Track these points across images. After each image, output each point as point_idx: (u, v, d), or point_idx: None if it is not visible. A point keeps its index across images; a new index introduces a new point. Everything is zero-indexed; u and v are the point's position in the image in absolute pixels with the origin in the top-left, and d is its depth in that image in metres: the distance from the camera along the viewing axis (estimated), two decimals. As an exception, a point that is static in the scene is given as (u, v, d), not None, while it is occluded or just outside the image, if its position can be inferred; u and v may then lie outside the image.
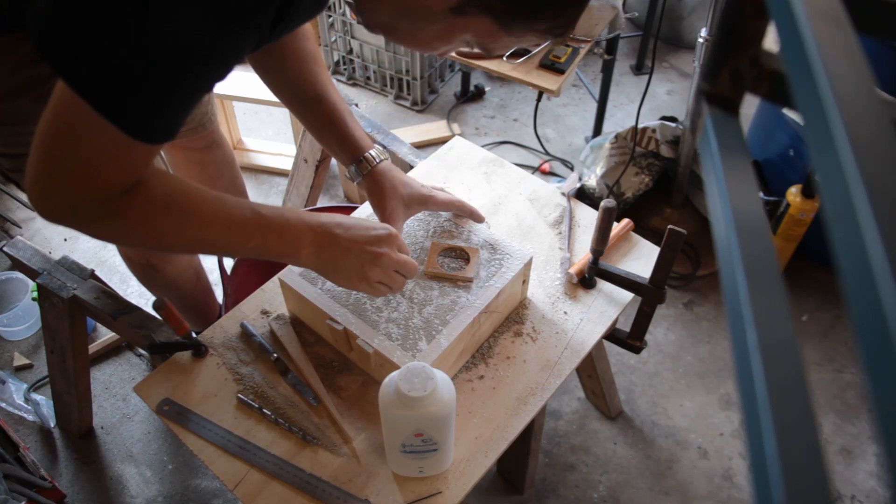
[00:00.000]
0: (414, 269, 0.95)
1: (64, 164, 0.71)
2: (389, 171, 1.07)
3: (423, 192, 1.09)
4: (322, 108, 1.05)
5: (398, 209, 1.06)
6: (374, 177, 1.06)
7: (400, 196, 1.06)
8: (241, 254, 0.88)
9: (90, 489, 1.62)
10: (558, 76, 1.71)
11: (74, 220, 0.76)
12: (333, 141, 1.08)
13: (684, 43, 2.76)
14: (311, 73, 1.04)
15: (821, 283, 1.99)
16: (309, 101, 1.05)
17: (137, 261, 1.45)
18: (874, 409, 0.23)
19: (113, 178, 0.72)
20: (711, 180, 0.40)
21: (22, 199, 2.18)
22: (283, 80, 1.06)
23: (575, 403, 1.74)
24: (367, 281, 0.92)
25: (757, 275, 0.33)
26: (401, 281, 0.95)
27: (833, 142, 0.26)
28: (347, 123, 1.07)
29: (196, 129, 1.51)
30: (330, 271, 0.92)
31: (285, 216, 0.88)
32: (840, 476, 1.61)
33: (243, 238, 0.84)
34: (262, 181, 2.31)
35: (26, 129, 0.99)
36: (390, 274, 0.93)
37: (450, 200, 1.12)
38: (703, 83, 0.45)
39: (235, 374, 1.09)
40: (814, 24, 0.30)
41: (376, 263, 0.91)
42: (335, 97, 1.06)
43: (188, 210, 0.80)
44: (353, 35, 2.46)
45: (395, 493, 0.97)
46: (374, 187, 1.07)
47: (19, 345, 1.88)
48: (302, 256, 0.89)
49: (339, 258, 0.90)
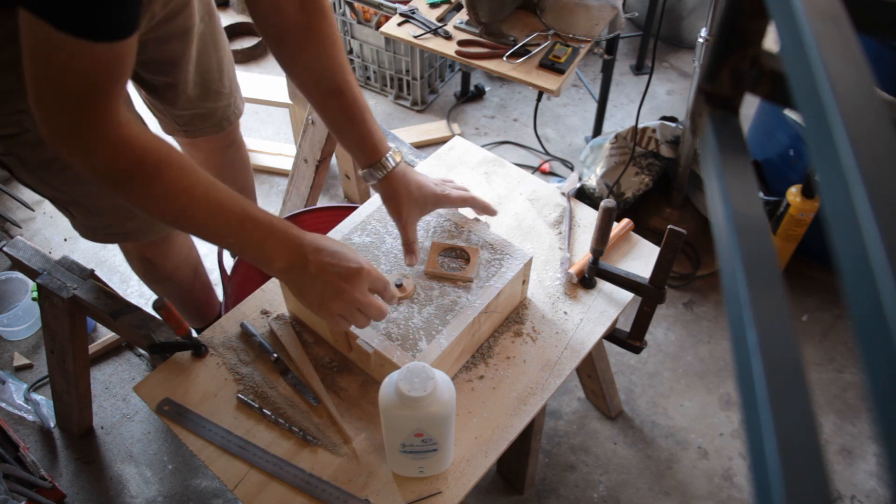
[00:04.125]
0: (378, 314, 0.94)
1: (51, 90, 0.73)
2: (404, 176, 1.06)
3: (436, 192, 1.09)
4: (342, 102, 1.03)
5: (413, 214, 1.07)
6: (390, 182, 1.06)
7: (415, 200, 1.07)
8: (220, 243, 0.89)
9: (90, 489, 1.62)
10: (558, 76, 1.71)
11: (78, 151, 0.77)
12: (351, 139, 1.06)
13: (684, 43, 2.76)
14: (334, 61, 1.01)
15: (821, 283, 1.99)
16: (330, 93, 1.03)
17: (135, 254, 1.45)
18: (874, 409, 0.23)
19: (96, 91, 0.74)
20: (711, 180, 0.40)
21: (22, 198, 2.18)
22: (305, 67, 1.02)
23: (575, 403, 1.74)
24: (328, 311, 0.92)
25: (757, 275, 0.33)
26: (363, 320, 0.94)
27: (833, 142, 0.26)
28: (367, 122, 1.04)
29: (220, 123, 1.50)
30: (296, 291, 0.93)
31: (273, 224, 0.88)
32: (840, 476, 1.61)
33: (225, 228, 0.85)
34: (262, 181, 2.31)
35: (13, 107, 0.99)
36: (352, 311, 0.92)
37: (463, 198, 1.12)
38: (703, 83, 0.45)
39: (235, 374, 1.09)
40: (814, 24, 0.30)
41: (339, 297, 0.91)
42: (356, 91, 1.04)
43: (181, 184, 0.81)
44: (353, 35, 2.46)
45: (395, 493, 0.97)
46: (389, 192, 1.06)
47: (19, 345, 1.88)
48: (274, 267, 0.90)
49: (306, 281, 0.91)
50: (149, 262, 1.46)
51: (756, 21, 0.41)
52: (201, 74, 1.37)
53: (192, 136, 1.49)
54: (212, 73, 1.39)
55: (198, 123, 1.46)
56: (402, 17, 1.92)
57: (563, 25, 1.84)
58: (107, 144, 0.76)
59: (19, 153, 1.07)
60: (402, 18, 1.91)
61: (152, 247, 1.42)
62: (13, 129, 1.02)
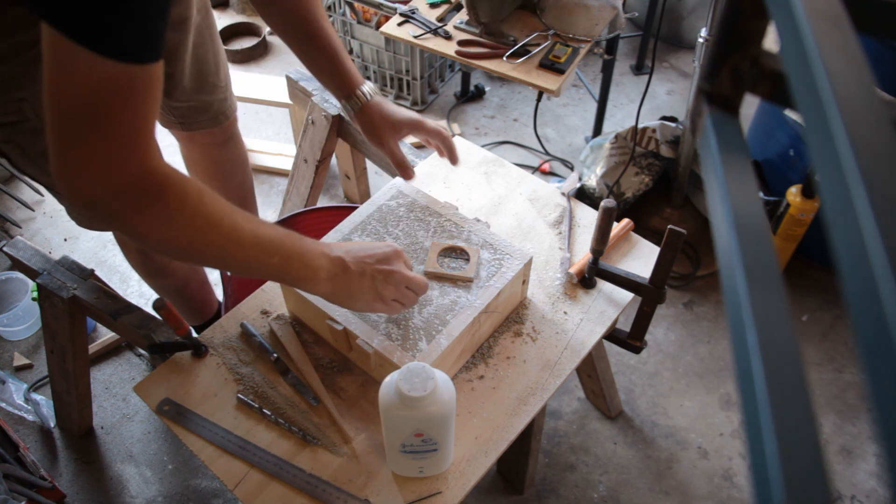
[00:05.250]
0: (423, 286, 0.98)
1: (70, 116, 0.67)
2: (378, 106, 1.16)
3: (412, 116, 1.18)
4: (317, 45, 1.12)
5: (392, 137, 1.17)
6: (366, 111, 1.15)
7: (390, 124, 1.16)
8: (259, 273, 0.87)
9: (90, 489, 1.62)
10: (558, 76, 1.71)
11: (111, 203, 0.71)
12: (327, 76, 1.15)
13: (684, 43, 2.76)
14: (307, 11, 1.10)
15: (821, 283, 1.99)
16: (306, 38, 1.12)
17: (131, 246, 1.46)
18: (874, 409, 0.23)
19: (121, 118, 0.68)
20: (711, 180, 0.40)
21: (22, 198, 2.18)
22: (282, 16, 1.12)
23: (575, 403, 1.74)
24: (383, 300, 0.94)
25: (757, 275, 0.33)
26: (412, 297, 0.97)
27: (833, 142, 0.26)
28: (342, 62, 1.14)
29: (216, 117, 1.50)
30: (345, 297, 0.93)
31: (304, 242, 0.88)
32: (840, 476, 1.61)
33: (267, 255, 0.83)
34: (262, 181, 2.31)
35: (14, 95, 1.00)
36: (402, 290, 0.95)
37: (437, 129, 1.20)
38: (703, 83, 0.45)
39: (235, 374, 1.09)
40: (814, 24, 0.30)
41: (389, 281, 0.93)
42: (330, 34, 1.13)
43: (219, 212, 0.78)
44: (353, 35, 2.46)
45: (395, 493, 0.97)
46: (366, 121, 1.16)
47: (19, 345, 1.88)
48: (319, 282, 0.89)
49: (353, 282, 0.92)
50: (145, 254, 1.47)
51: (756, 21, 0.41)
52: (197, 66, 1.38)
53: (188, 128, 1.49)
54: (208, 66, 1.40)
55: (194, 116, 1.47)
56: (402, 17, 1.92)
57: (563, 25, 1.84)
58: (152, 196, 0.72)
59: (20, 141, 1.07)
60: (402, 18, 1.91)
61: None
62: (14, 116, 1.03)
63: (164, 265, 1.52)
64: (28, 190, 2.23)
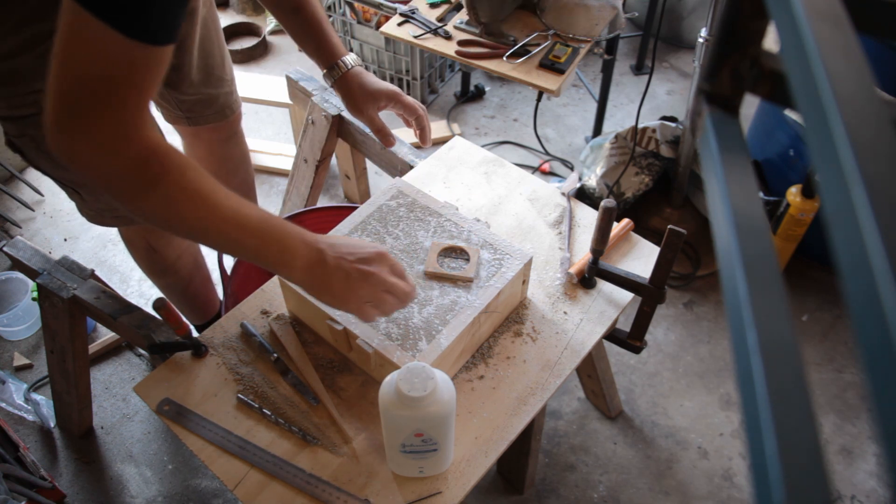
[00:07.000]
0: (406, 294, 0.92)
1: (81, 87, 0.70)
2: (358, 76, 1.18)
3: (391, 87, 1.21)
4: (302, 17, 1.16)
5: (370, 105, 1.19)
6: (346, 80, 1.18)
7: (369, 93, 1.18)
8: (237, 251, 0.87)
9: (90, 489, 1.62)
10: (558, 76, 1.71)
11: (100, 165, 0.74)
12: (311, 47, 1.19)
13: (684, 43, 2.76)
14: None
15: (821, 283, 1.99)
16: (292, 10, 1.16)
17: (140, 244, 1.46)
18: (874, 409, 0.23)
19: (128, 94, 0.72)
20: (711, 180, 0.40)
21: (22, 198, 2.18)
22: None
23: (575, 403, 1.74)
24: (356, 300, 0.89)
25: (757, 275, 0.33)
26: (391, 303, 0.91)
27: (833, 142, 0.26)
28: (325, 33, 1.18)
29: (222, 111, 1.51)
30: (320, 290, 0.90)
31: (285, 227, 0.87)
32: (840, 476, 1.61)
33: (244, 235, 0.83)
34: (262, 181, 2.31)
35: (29, 87, 1.01)
36: (379, 294, 0.89)
37: (413, 105, 1.22)
38: (703, 83, 0.45)
39: (235, 374, 1.09)
40: (814, 24, 0.30)
41: (366, 281, 0.88)
42: (314, 6, 1.17)
43: (201, 188, 0.80)
44: (353, 35, 2.46)
45: (395, 493, 0.97)
46: (345, 89, 1.19)
47: (19, 345, 1.88)
48: (295, 269, 0.87)
49: (328, 275, 0.88)
50: (153, 250, 1.47)
51: (756, 21, 0.41)
52: (204, 59, 1.39)
53: (194, 123, 1.50)
54: (214, 59, 1.42)
55: (200, 110, 1.47)
56: (402, 17, 1.92)
57: (563, 25, 1.84)
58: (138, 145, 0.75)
59: (33, 135, 1.08)
60: (402, 18, 1.91)
61: (157, 235, 1.44)
62: (30, 109, 1.03)
63: (169, 263, 1.52)
64: (28, 190, 2.23)
